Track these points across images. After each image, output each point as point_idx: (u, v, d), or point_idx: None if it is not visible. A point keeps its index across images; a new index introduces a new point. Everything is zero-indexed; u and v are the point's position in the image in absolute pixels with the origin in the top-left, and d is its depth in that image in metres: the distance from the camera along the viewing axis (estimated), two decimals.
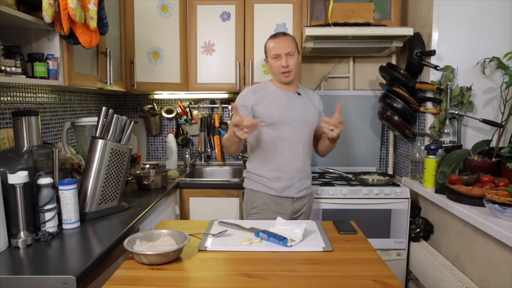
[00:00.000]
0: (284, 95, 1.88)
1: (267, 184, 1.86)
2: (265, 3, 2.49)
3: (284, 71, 1.84)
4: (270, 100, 1.86)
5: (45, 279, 1.04)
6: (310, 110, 1.93)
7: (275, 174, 1.85)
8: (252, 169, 1.92)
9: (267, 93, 1.88)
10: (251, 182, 1.91)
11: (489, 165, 1.97)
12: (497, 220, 1.57)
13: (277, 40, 1.85)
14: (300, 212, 1.93)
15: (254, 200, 1.88)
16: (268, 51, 1.88)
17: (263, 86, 1.92)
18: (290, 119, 1.85)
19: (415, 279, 2.31)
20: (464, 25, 2.21)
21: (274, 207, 1.86)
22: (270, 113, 1.84)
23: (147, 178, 2.09)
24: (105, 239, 1.34)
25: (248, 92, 1.89)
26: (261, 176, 1.88)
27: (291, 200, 1.88)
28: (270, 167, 1.86)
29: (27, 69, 1.50)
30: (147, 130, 2.89)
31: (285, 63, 1.82)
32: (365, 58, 2.87)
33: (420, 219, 2.25)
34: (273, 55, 1.84)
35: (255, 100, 1.85)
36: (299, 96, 1.93)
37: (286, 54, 1.82)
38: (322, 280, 1.06)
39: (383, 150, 2.89)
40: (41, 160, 1.38)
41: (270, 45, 1.87)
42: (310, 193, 1.98)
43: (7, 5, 1.29)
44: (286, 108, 1.85)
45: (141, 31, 2.40)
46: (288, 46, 1.83)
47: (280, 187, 1.85)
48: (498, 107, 2.20)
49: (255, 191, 1.89)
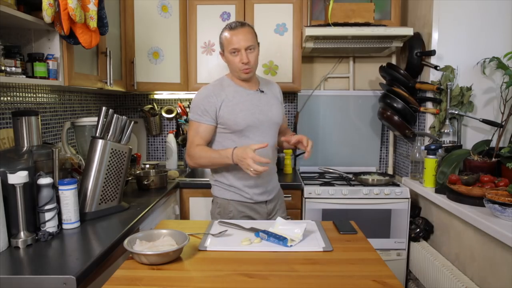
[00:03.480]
0: (247, 96, 1.71)
1: (240, 193, 1.73)
2: (265, 3, 2.49)
3: (244, 67, 1.65)
4: (234, 103, 1.67)
5: (45, 279, 1.04)
6: (275, 107, 1.77)
7: (246, 183, 1.72)
8: (220, 178, 1.76)
9: (228, 94, 1.69)
10: (223, 191, 1.76)
11: (489, 165, 1.97)
12: (497, 220, 1.57)
13: (235, 32, 1.63)
14: (275, 211, 1.84)
15: (229, 210, 1.74)
16: (225, 44, 1.66)
17: (222, 86, 1.72)
18: (256, 123, 1.69)
19: (415, 279, 2.31)
20: (464, 25, 2.21)
21: (250, 213, 1.75)
22: (235, 119, 1.66)
23: (147, 178, 2.09)
24: (105, 239, 1.33)
25: (208, 95, 1.68)
26: (232, 186, 1.74)
27: (265, 203, 1.79)
28: (240, 176, 1.70)
29: (27, 69, 1.50)
30: (147, 130, 2.89)
31: (246, 59, 1.62)
32: (365, 58, 2.87)
33: (420, 219, 2.25)
34: (231, 50, 1.63)
35: (217, 103, 1.66)
36: (263, 94, 1.76)
37: (246, 49, 1.63)
38: (322, 280, 1.06)
39: (383, 150, 2.89)
40: (41, 160, 1.38)
41: (227, 38, 1.64)
42: (279, 190, 1.89)
43: (7, 5, 1.29)
44: (251, 111, 1.69)
45: (141, 31, 2.40)
46: (247, 39, 1.63)
47: (254, 195, 1.74)
48: (498, 107, 2.20)
49: (229, 200, 1.75)
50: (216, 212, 1.79)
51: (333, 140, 2.84)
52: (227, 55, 1.68)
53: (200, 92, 1.72)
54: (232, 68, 1.70)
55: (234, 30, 1.64)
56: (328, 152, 2.84)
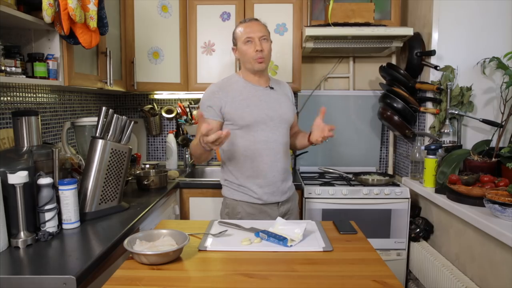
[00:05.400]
0: (256, 91, 1.70)
1: (249, 193, 1.70)
2: (265, 3, 2.49)
3: (259, 56, 1.64)
4: (240, 98, 1.66)
5: (45, 279, 1.04)
6: (285, 105, 1.75)
7: (256, 181, 1.69)
8: (229, 178, 1.74)
9: (236, 90, 1.68)
10: (232, 191, 1.74)
11: (489, 165, 1.97)
12: (497, 220, 1.57)
13: (249, 24, 1.68)
14: (287, 214, 1.79)
15: (238, 211, 1.72)
16: (239, 36, 1.68)
17: (230, 82, 1.72)
18: (265, 118, 1.67)
19: (415, 279, 2.31)
20: (464, 25, 2.21)
21: (259, 216, 1.71)
22: (242, 115, 1.65)
23: (147, 178, 2.09)
24: (105, 239, 1.33)
25: (214, 90, 1.69)
26: (242, 186, 1.71)
27: (277, 205, 1.75)
28: (249, 175, 1.69)
29: (27, 69, 1.50)
30: (147, 130, 2.89)
31: (260, 47, 1.63)
32: (365, 58, 2.87)
33: (420, 219, 2.25)
34: (245, 39, 1.65)
35: (223, 99, 1.65)
36: (272, 91, 1.74)
37: (259, 38, 1.64)
38: (322, 280, 1.06)
39: (383, 150, 2.89)
40: (41, 160, 1.38)
41: (241, 30, 1.68)
42: (294, 193, 1.86)
43: (7, 5, 1.29)
44: (259, 106, 1.67)
45: (141, 31, 2.40)
46: (261, 29, 1.66)
47: (264, 194, 1.70)
48: (498, 107, 2.20)
49: (237, 201, 1.72)
50: (225, 213, 1.77)
51: (333, 140, 2.84)
52: (241, 47, 1.68)
53: (207, 89, 1.74)
54: (246, 60, 1.69)
55: (248, 23, 1.69)
56: (328, 152, 2.84)
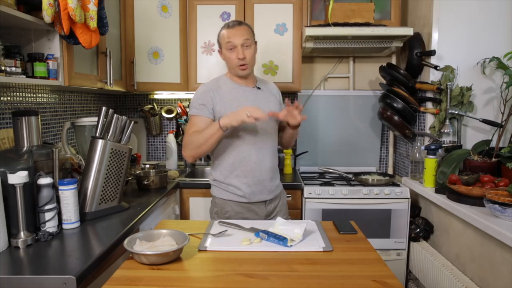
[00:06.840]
0: (244, 92, 1.75)
1: (236, 193, 1.73)
2: (265, 3, 2.49)
3: (240, 63, 1.68)
4: (229, 99, 1.71)
5: (45, 279, 1.04)
6: (272, 104, 1.80)
7: (244, 180, 1.72)
8: (218, 177, 1.77)
9: (225, 91, 1.73)
10: (221, 191, 1.77)
11: (489, 165, 1.97)
12: (497, 220, 1.57)
13: (232, 29, 1.69)
14: (275, 212, 1.82)
15: (226, 210, 1.75)
16: (222, 42, 1.71)
17: (219, 83, 1.76)
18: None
19: (415, 279, 2.31)
20: (464, 25, 2.21)
21: (247, 214, 1.74)
22: None
23: (147, 178, 2.09)
24: (105, 239, 1.34)
25: (205, 89, 1.73)
26: (230, 185, 1.74)
27: (264, 204, 1.78)
28: (238, 173, 1.72)
29: (27, 69, 1.50)
30: (147, 130, 2.89)
31: (242, 55, 1.67)
32: (365, 58, 2.87)
33: (420, 219, 2.25)
34: (228, 46, 1.68)
35: (214, 99, 1.70)
36: (259, 91, 1.79)
37: (242, 45, 1.68)
38: (322, 280, 1.06)
39: (383, 150, 2.89)
40: (41, 160, 1.38)
41: (224, 35, 1.70)
42: (281, 191, 1.88)
43: (7, 5, 1.29)
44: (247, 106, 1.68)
45: (141, 31, 2.40)
46: (243, 35, 1.68)
47: (251, 193, 1.73)
48: (498, 107, 2.20)
49: (225, 200, 1.75)
50: (214, 212, 1.80)
51: (333, 140, 2.84)
52: (225, 52, 1.72)
53: (198, 89, 1.76)
54: (230, 65, 1.74)
55: (231, 28, 1.70)
56: (328, 152, 2.84)
